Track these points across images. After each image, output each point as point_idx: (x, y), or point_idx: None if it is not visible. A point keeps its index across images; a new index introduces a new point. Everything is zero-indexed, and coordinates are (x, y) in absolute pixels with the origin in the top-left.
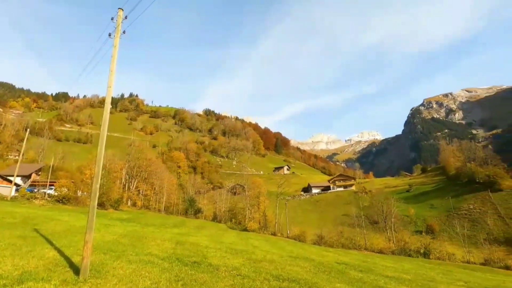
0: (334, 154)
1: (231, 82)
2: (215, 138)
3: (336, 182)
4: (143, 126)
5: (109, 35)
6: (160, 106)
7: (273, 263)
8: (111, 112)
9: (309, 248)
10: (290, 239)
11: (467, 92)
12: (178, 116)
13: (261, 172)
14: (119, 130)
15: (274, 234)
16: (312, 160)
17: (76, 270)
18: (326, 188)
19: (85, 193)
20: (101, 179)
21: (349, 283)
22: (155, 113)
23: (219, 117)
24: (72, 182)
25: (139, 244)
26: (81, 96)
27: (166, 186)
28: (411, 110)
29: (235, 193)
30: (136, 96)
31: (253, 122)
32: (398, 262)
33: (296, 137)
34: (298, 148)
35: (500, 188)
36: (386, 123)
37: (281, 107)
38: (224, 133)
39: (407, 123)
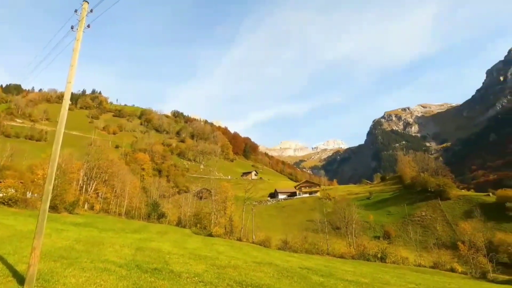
0: (301, 161)
1: (202, 84)
2: (183, 141)
3: (302, 188)
4: (105, 125)
5: (72, 27)
6: (125, 105)
7: (237, 269)
8: (70, 109)
9: (274, 253)
10: (255, 244)
11: (422, 108)
12: (145, 117)
13: (229, 177)
14: (78, 128)
15: (239, 239)
16: (280, 166)
17: (20, 279)
18: (292, 194)
19: (35, 194)
20: (55, 180)
21: None
22: (119, 112)
23: (188, 120)
24: (21, 182)
25: (95, 250)
26: (36, 90)
27: (128, 189)
28: (373, 121)
29: (201, 198)
30: (99, 93)
31: (223, 126)
32: (357, 266)
33: (265, 143)
34: (266, 154)
35: (448, 196)
36: (350, 133)
37: (251, 113)
38: (192, 136)
39: (369, 134)
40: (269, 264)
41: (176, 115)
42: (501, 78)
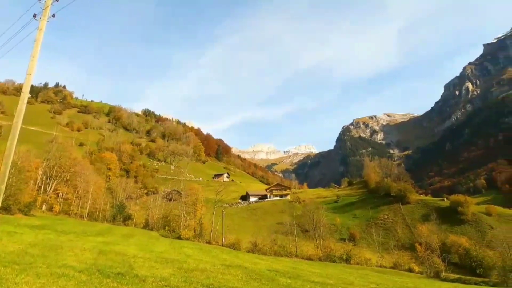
0: (273, 164)
1: (176, 84)
2: (153, 141)
3: (273, 191)
4: (69, 121)
5: (34, 16)
6: (92, 101)
7: (205, 272)
8: (30, 103)
9: (243, 256)
10: (225, 247)
11: (387, 116)
12: (113, 114)
13: (200, 179)
14: (38, 123)
15: (209, 242)
16: (252, 169)
17: None
18: (263, 197)
19: None
20: (9, 179)
21: None
22: (85, 108)
23: (159, 119)
24: None
25: (52, 255)
26: None
27: (93, 190)
28: (343, 128)
29: (170, 199)
30: (64, 87)
31: (196, 127)
32: (323, 268)
33: (237, 145)
34: (239, 156)
35: (408, 201)
36: (321, 138)
37: (225, 115)
38: (163, 136)
39: (338, 140)
40: (238, 267)
41: (147, 113)
42: (457, 93)
